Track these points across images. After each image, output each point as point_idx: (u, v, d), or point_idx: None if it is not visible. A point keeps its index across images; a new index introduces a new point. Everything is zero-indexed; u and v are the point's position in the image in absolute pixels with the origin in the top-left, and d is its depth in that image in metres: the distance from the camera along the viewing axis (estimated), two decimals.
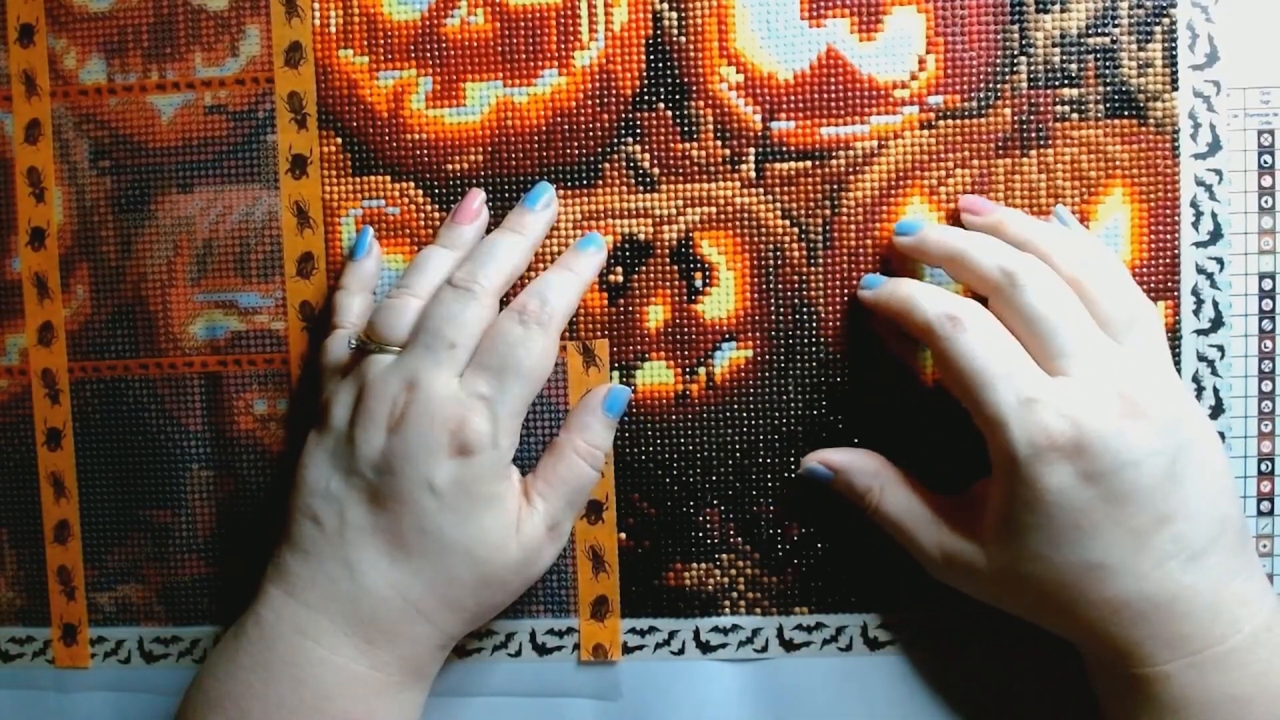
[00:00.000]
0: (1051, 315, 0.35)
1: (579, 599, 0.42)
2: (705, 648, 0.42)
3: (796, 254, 0.41)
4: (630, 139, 0.41)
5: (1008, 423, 0.34)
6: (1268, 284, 0.40)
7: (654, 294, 0.42)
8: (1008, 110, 0.40)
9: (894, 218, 0.41)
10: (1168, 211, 0.40)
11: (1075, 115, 0.40)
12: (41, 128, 0.44)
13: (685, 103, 0.41)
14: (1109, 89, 0.40)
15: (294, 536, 0.37)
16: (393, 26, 0.42)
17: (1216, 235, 0.40)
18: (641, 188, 0.42)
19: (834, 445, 0.41)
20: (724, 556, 0.42)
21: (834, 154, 0.41)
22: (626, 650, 0.42)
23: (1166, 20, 0.40)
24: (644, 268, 0.42)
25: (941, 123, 0.40)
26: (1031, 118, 0.40)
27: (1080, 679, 0.39)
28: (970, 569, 0.37)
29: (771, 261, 0.41)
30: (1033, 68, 0.40)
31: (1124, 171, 0.40)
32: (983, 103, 0.40)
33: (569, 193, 0.42)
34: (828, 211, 0.41)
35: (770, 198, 0.41)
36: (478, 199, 0.41)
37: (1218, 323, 0.40)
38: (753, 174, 0.41)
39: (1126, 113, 0.40)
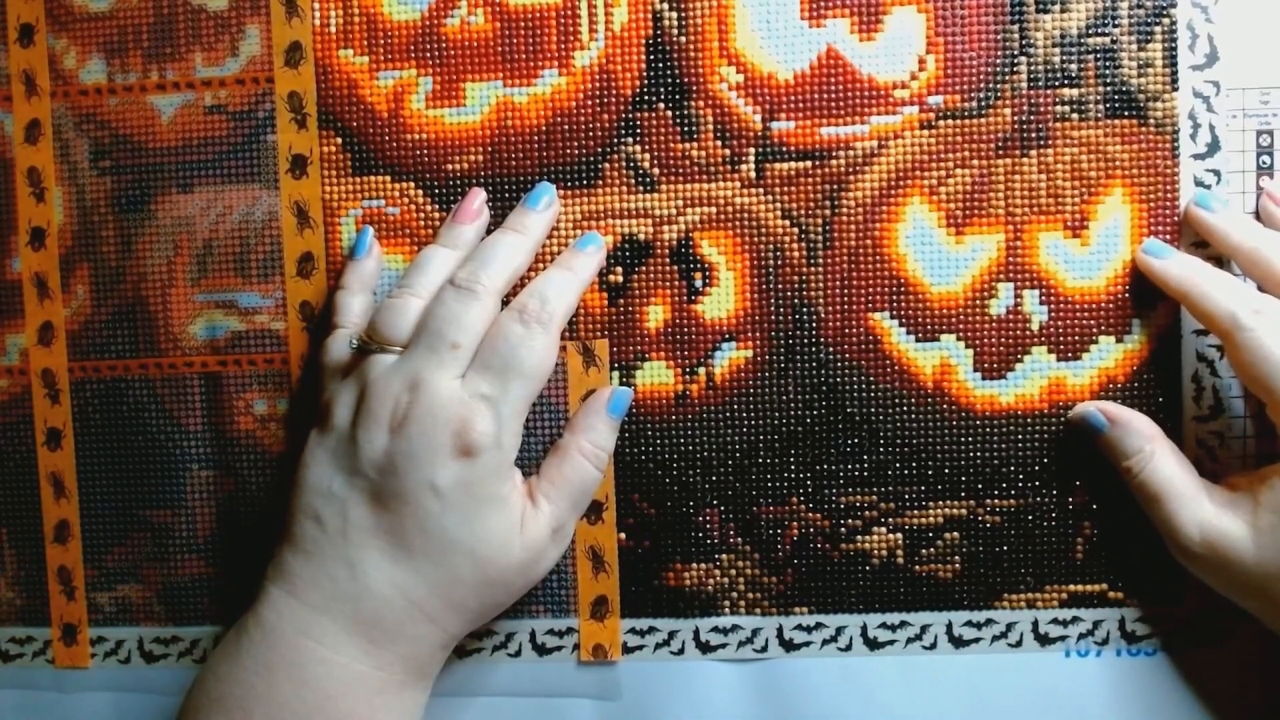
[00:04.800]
0: None
1: (579, 599, 0.42)
2: (705, 648, 0.42)
3: (796, 254, 0.41)
4: (630, 139, 0.41)
5: None
6: None
7: (654, 294, 0.42)
8: (1008, 110, 0.40)
9: (894, 218, 0.41)
10: (1167, 212, 0.40)
11: (1075, 115, 0.40)
12: (42, 128, 0.44)
13: (685, 103, 0.41)
14: (1109, 89, 0.40)
15: (295, 536, 0.37)
16: (393, 26, 0.42)
17: None
18: (641, 188, 0.42)
19: (833, 445, 0.41)
20: (724, 556, 0.42)
21: (834, 154, 0.41)
22: (626, 650, 0.42)
23: (1166, 20, 0.40)
24: (644, 268, 0.42)
25: (941, 123, 0.40)
26: (1031, 118, 0.40)
27: (1076, 678, 0.39)
28: (1230, 556, 0.35)
29: (771, 261, 0.41)
30: (1033, 68, 0.40)
31: (1124, 172, 0.40)
32: (983, 103, 0.40)
33: (569, 193, 0.42)
34: (828, 211, 0.41)
35: (770, 198, 0.41)
36: (478, 199, 0.41)
37: None
38: (753, 174, 0.41)
39: (1126, 113, 0.40)
